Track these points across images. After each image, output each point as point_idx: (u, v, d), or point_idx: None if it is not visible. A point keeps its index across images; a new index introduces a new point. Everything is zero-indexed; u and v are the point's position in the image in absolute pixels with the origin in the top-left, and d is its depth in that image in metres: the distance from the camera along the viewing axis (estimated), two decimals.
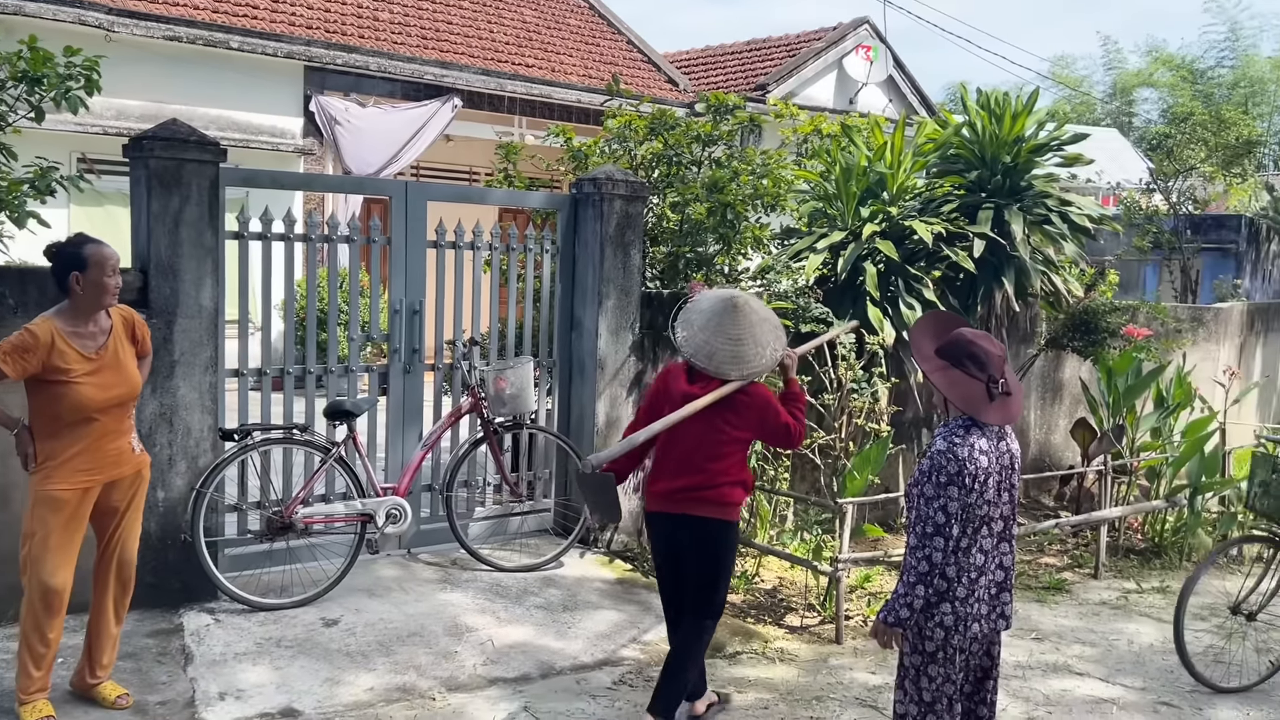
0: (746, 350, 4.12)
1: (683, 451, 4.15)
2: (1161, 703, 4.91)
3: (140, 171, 5.11)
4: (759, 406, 4.16)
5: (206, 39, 11.13)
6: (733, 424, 4.13)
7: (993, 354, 3.32)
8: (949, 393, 3.32)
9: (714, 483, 4.11)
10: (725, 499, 4.13)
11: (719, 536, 4.15)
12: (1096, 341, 7.98)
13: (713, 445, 4.12)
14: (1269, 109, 32.59)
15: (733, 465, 4.15)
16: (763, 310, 4.26)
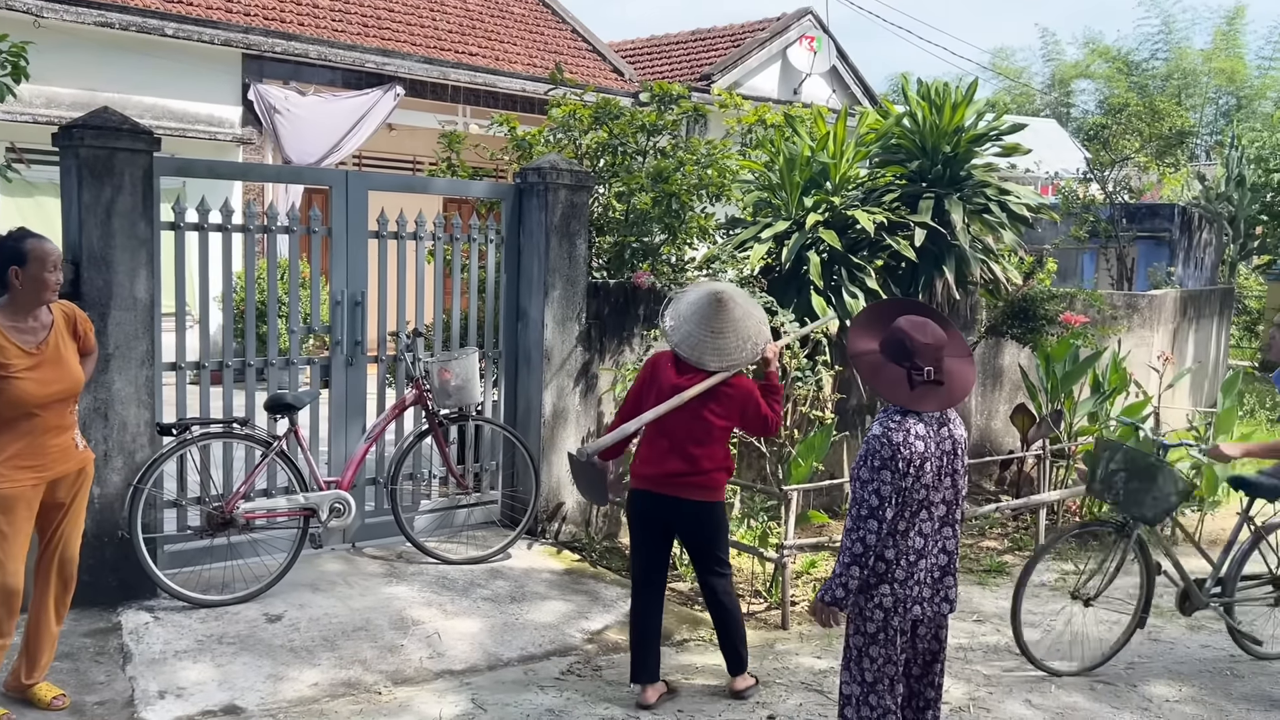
0: (728, 343, 4.37)
1: (670, 438, 4.40)
2: (1098, 680, 5.03)
3: (70, 161, 4.99)
4: (741, 397, 4.41)
5: (140, 25, 10.87)
6: (717, 413, 4.38)
7: (920, 342, 3.35)
8: (869, 380, 3.40)
9: (700, 469, 4.38)
10: (711, 484, 4.44)
11: (709, 516, 4.49)
12: (1035, 329, 8.13)
13: (699, 433, 4.37)
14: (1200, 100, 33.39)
15: (717, 452, 4.42)
16: (748, 305, 4.51)
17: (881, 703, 3.37)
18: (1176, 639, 5.64)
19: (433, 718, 4.23)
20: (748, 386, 4.45)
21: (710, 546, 4.54)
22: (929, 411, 3.36)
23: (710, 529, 4.52)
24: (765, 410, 4.45)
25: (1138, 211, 15.24)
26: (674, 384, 4.39)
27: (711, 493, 4.46)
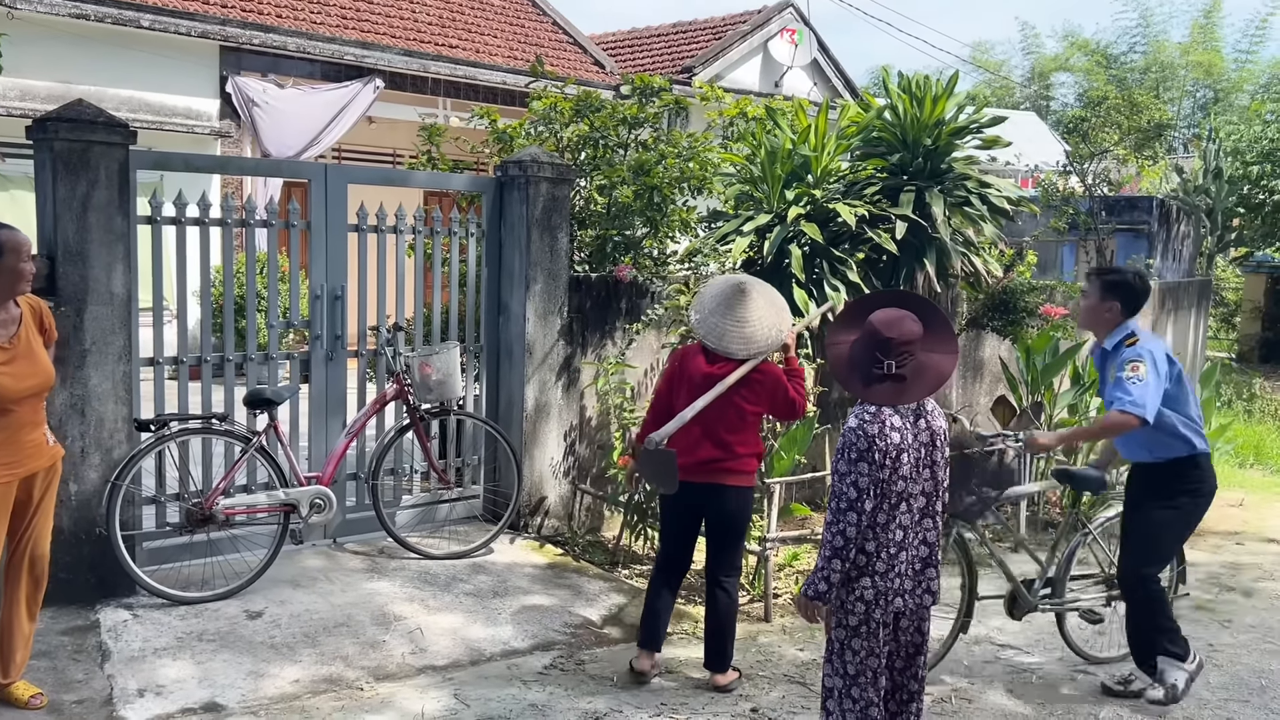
0: (752, 331, 4.52)
1: (703, 426, 4.51)
2: (1079, 670, 5.06)
3: (45, 154, 4.92)
4: (771, 384, 4.56)
5: (116, 17, 10.75)
6: (748, 400, 4.52)
7: (883, 336, 3.34)
8: (834, 369, 3.46)
9: (734, 454, 4.52)
10: (745, 468, 4.57)
11: (742, 501, 4.62)
12: (1015, 321, 8.16)
13: (732, 420, 4.51)
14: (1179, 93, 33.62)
15: (749, 438, 4.57)
16: (769, 294, 4.65)
17: (864, 695, 3.38)
18: None
19: (415, 714, 4.22)
20: (776, 373, 4.59)
21: (736, 535, 4.66)
22: (885, 405, 3.34)
23: (742, 515, 4.66)
24: (793, 394, 4.59)
25: (1117, 204, 15.32)
26: (706, 373, 4.54)
27: (745, 478, 4.59)
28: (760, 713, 4.43)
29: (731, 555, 4.69)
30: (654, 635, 4.69)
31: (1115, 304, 4.60)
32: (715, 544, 4.68)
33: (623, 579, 5.99)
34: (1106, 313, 4.62)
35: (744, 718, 4.38)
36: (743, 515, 4.68)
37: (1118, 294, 4.60)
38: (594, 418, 6.81)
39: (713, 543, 4.68)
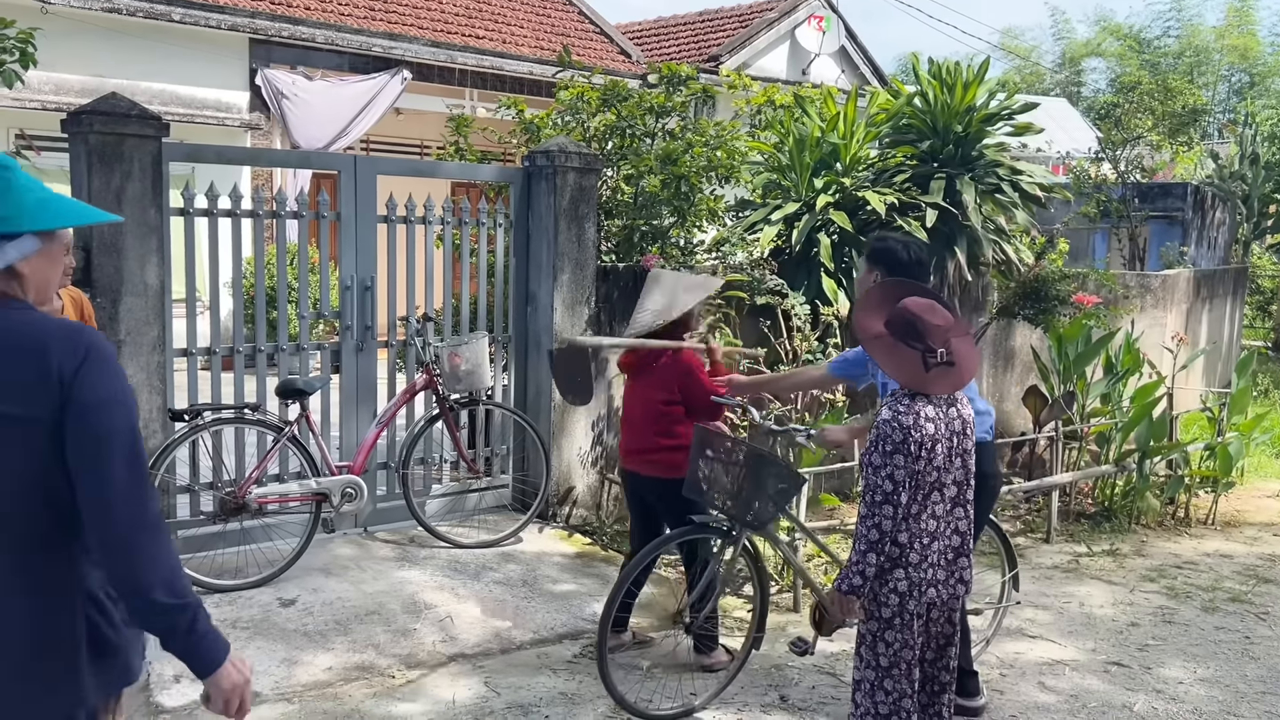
0: (640, 315, 4.56)
1: (630, 415, 4.67)
2: (1112, 663, 5.02)
3: (80, 148, 4.98)
4: (679, 372, 4.47)
5: (147, 11, 10.85)
6: (656, 390, 4.51)
7: (933, 324, 3.32)
8: (884, 364, 3.37)
9: (655, 446, 4.50)
10: (666, 462, 4.48)
11: (663, 493, 4.51)
12: (1047, 309, 8.08)
13: (647, 412, 4.55)
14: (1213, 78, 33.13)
15: (672, 428, 4.48)
16: (670, 283, 4.57)
17: (897, 687, 3.36)
18: (1191, 621, 5.62)
19: (446, 701, 4.25)
20: (687, 362, 4.46)
21: (675, 523, 4.55)
22: (941, 394, 3.33)
23: (672, 506, 4.50)
24: (709, 386, 4.45)
25: (1150, 191, 15.12)
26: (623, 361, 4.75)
27: (668, 470, 4.46)
28: (790, 702, 4.42)
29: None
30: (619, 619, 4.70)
31: (878, 274, 4.05)
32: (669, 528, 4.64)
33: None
34: (872, 284, 4.03)
35: (773, 707, 4.38)
36: (669, 507, 4.52)
37: (881, 263, 4.07)
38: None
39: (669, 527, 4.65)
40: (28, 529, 1.88)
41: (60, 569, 1.90)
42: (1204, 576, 6.42)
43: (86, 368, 1.85)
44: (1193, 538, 7.38)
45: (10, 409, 1.83)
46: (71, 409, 1.84)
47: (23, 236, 1.91)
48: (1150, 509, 7.58)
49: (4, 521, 1.87)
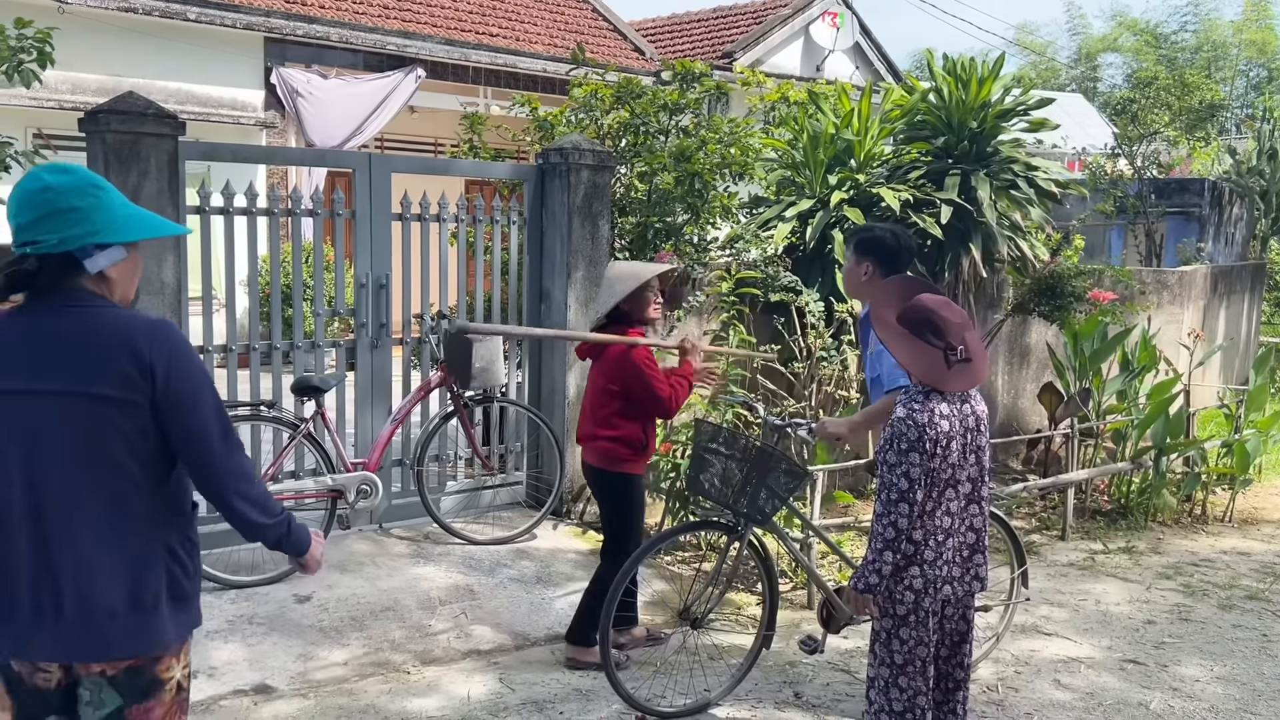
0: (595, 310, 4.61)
1: (585, 402, 4.66)
2: (1128, 660, 5.00)
3: (97, 146, 5.01)
4: (619, 360, 4.43)
5: (163, 10, 10.91)
6: (601, 378, 4.52)
7: (951, 322, 3.32)
8: (907, 362, 3.35)
9: (596, 434, 4.51)
10: (606, 452, 4.47)
11: (602, 485, 4.55)
12: (1062, 306, 8.05)
13: (592, 399, 4.56)
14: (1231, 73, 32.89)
15: (611, 418, 4.46)
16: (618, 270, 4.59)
17: (912, 684, 3.36)
18: (1208, 619, 5.59)
19: (461, 697, 4.26)
20: (633, 356, 4.38)
21: (608, 515, 4.58)
22: (958, 390, 3.33)
23: (603, 497, 4.57)
24: (653, 382, 4.35)
25: (1167, 187, 15.02)
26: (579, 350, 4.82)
27: (607, 461, 4.47)
28: (804, 699, 4.42)
29: (609, 536, 4.59)
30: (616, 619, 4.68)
31: (869, 264, 4.05)
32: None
33: (664, 565, 6.00)
34: (863, 276, 4.08)
35: (787, 704, 4.38)
36: (606, 497, 4.55)
37: (871, 253, 4.06)
38: None
39: None
40: (122, 495, 2.21)
41: (147, 528, 2.25)
42: (1221, 574, 6.38)
43: (174, 361, 2.21)
44: (1210, 535, 7.34)
45: (106, 391, 2.16)
46: (168, 398, 2.20)
47: (112, 247, 2.23)
48: (1167, 506, 7.55)
49: (102, 488, 2.19)
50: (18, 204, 2.20)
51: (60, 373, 2.16)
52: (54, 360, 2.16)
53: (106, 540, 2.20)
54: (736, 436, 4.24)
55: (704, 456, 4.20)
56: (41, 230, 2.17)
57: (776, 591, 4.40)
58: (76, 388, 2.15)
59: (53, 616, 2.18)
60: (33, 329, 2.18)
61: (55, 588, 2.17)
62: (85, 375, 2.16)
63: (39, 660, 2.23)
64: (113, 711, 2.25)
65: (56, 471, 2.17)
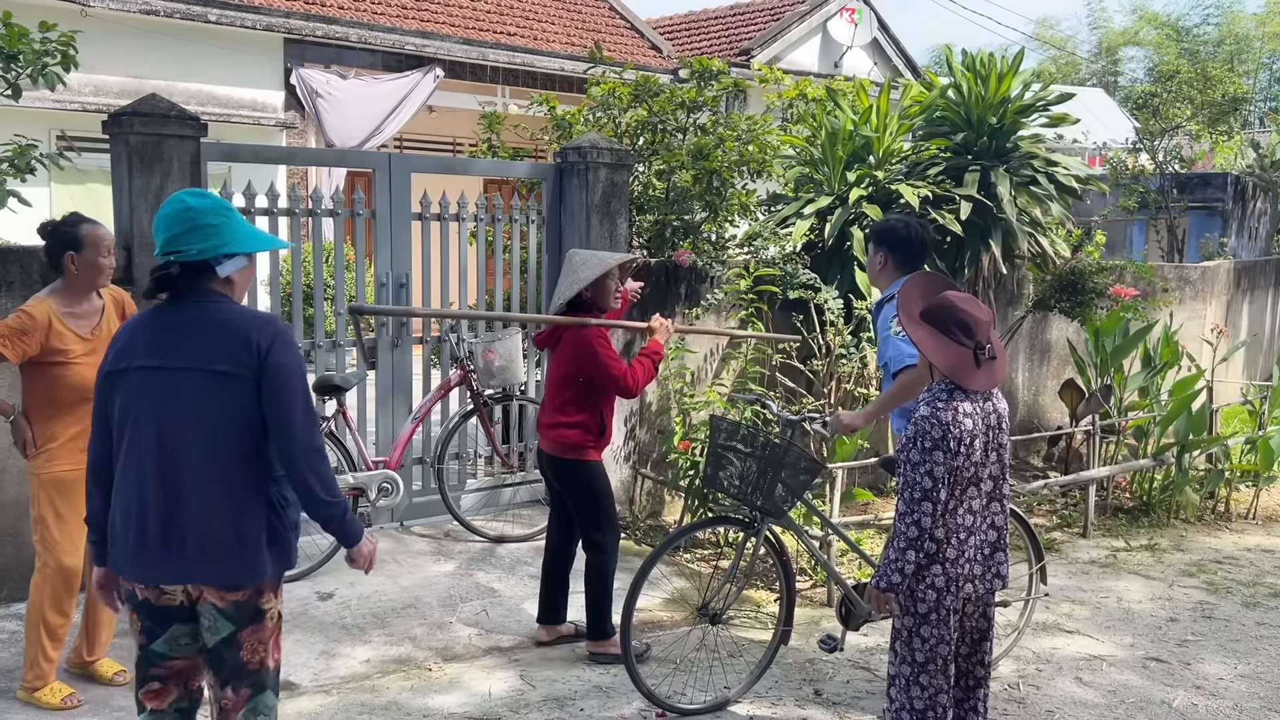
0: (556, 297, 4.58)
1: (545, 392, 4.68)
2: (1150, 658, 4.97)
3: (120, 148, 5.06)
4: (575, 343, 4.44)
5: (184, 13, 10.99)
6: (558, 364, 4.53)
7: (979, 319, 3.32)
8: (936, 359, 3.32)
9: (553, 422, 4.50)
10: (560, 439, 4.48)
11: (559, 472, 4.55)
12: (1084, 302, 8.00)
13: (551, 384, 4.58)
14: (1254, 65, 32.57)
15: (567, 405, 4.47)
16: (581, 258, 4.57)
17: (933, 683, 3.35)
18: (1231, 616, 5.56)
19: (483, 694, 4.29)
20: (588, 335, 4.40)
21: (576, 505, 4.59)
22: (983, 389, 3.32)
23: (566, 487, 4.57)
24: (606, 359, 4.36)
25: (1189, 181, 14.89)
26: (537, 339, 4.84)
27: (559, 448, 4.48)
28: (824, 696, 4.42)
29: (583, 526, 4.60)
30: (545, 609, 4.80)
31: (882, 254, 4.20)
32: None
33: (684, 563, 6.01)
34: (878, 265, 4.24)
35: (808, 701, 4.38)
36: (567, 486, 4.56)
37: (884, 243, 4.20)
38: (654, 403, 6.83)
39: None
40: (233, 454, 2.71)
41: (253, 482, 2.74)
42: (1244, 571, 6.34)
43: (276, 345, 2.72)
44: (1233, 532, 7.29)
45: (226, 369, 2.69)
46: (267, 373, 2.70)
47: (237, 256, 2.80)
48: (1189, 503, 7.49)
49: (217, 448, 2.70)
50: (166, 222, 2.72)
51: (190, 353, 2.71)
52: (186, 344, 2.72)
53: (219, 490, 2.70)
54: (753, 432, 4.24)
55: (721, 453, 4.21)
56: (185, 243, 2.71)
57: (794, 587, 4.40)
58: (201, 365, 2.69)
59: (178, 549, 2.69)
60: (172, 320, 2.75)
61: (180, 526, 2.69)
62: (209, 355, 2.69)
63: (164, 584, 2.74)
64: (228, 635, 2.77)
65: (183, 433, 2.69)
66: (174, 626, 2.79)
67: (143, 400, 2.73)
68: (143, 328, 2.79)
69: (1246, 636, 5.29)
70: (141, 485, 2.71)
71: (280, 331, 2.76)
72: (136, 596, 2.79)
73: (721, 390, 6.84)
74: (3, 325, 3.79)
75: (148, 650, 2.82)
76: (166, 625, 2.79)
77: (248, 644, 2.79)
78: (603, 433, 4.53)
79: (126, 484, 2.74)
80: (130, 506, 2.72)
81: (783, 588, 4.38)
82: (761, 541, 4.22)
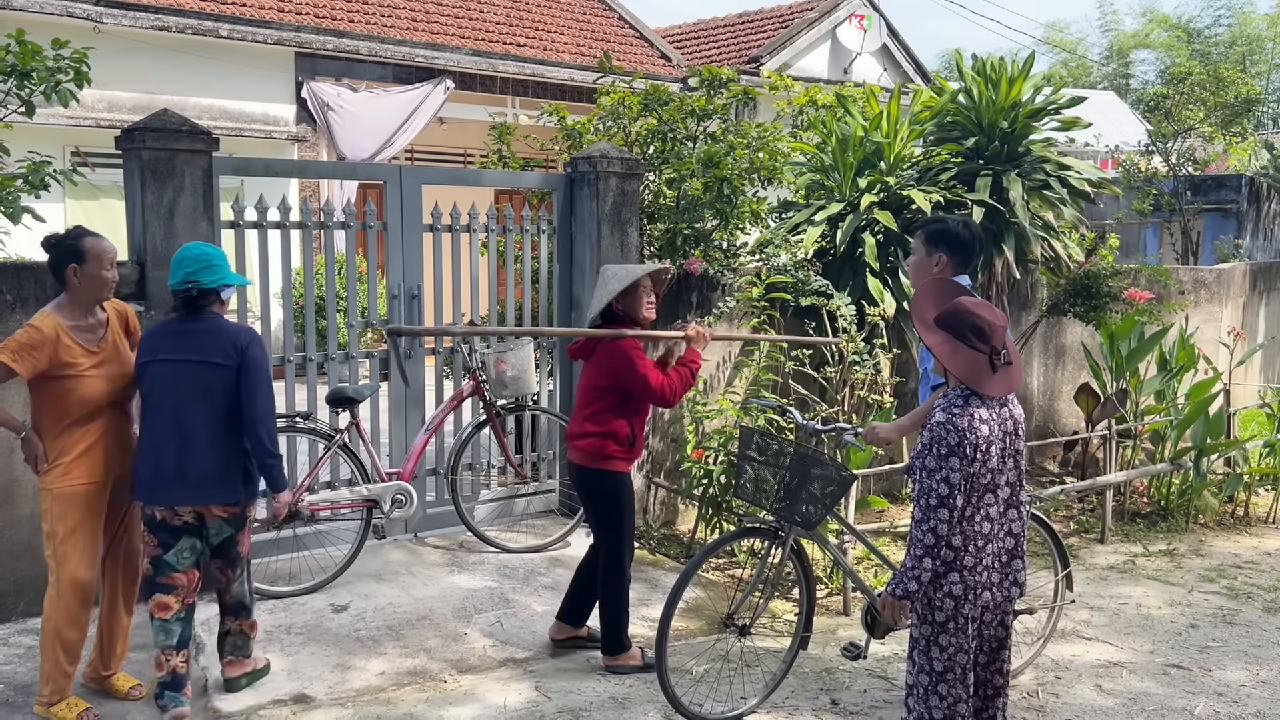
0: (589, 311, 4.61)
1: (576, 403, 4.67)
2: (1170, 665, 4.92)
3: (133, 163, 5.08)
4: (609, 353, 4.44)
5: (195, 28, 11.06)
6: (592, 375, 4.53)
7: (995, 325, 3.30)
8: (951, 365, 3.30)
9: (583, 431, 4.51)
10: (589, 448, 4.48)
11: (587, 482, 4.55)
12: (1098, 306, 7.95)
13: (583, 397, 4.57)
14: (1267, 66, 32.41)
15: (599, 415, 4.47)
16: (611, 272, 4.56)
17: (952, 692, 3.32)
18: (1253, 622, 5.50)
19: (498, 706, 4.27)
20: (621, 344, 4.41)
21: (593, 515, 4.59)
22: (999, 395, 3.29)
23: (590, 497, 4.57)
24: (643, 369, 4.35)
25: (1203, 183, 14.82)
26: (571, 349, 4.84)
27: (588, 458, 4.48)
28: (841, 706, 4.39)
29: (598, 536, 4.62)
30: (565, 609, 4.84)
31: (941, 256, 4.05)
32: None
33: (698, 572, 5.99)
34: (934, 267, 4.05)
35: (825, 711, 4.35)
36: (591, 496, 4.56)
37: (943, 244, 4.05)
38: (666, 412, 6.82)
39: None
40: (222, 416, 3.98)
41: (234, 436, 4.02)
42: (1265, 576, 6.28)
43: (251, 346, 4.02)
44: (1253, 536, 7.22)
45: (219, 360, 3.96)
46: (245, 364, 3.98)
47: (230, 286, 4.11)
48: (1208, 508, 7.43)
49: (210, 413, 3.96)
50: (192, 259, 3.97)
51: (197, 350, 3.95)
52: (194, 344, 3.96)
53: (213, 440, 3.96)
54: (782, 443, 4.22)
55: (749, 464, 4.21)
56: (204, 275, 3.97)
57: (814, 595, 4.38)
58: (204, 358, 3.94)
59: (185, 480, 3.93)
60: (185, 328, 4.00)
61: (185, 463, 3.92)
62: (209, 351, 3.95)
63: (177, 505, 3.95)
64: (227, 536, 4.10)
65: (189, 402, 3.94)
66: (183, 540, 3.99)
67: (164, 382, 3.95)
68: (165, 332, 4.03)
69: (1268, 642, 5.23)
70: (163, 438, 3.93)
71: (255, 338, 4.05)
72: (155, 518, 3.96)
73: (735, 398, 6.82)
74: (12, 340, 3.80)
75: (159, 561, 3.97)
76: (177, 538, 3.98)
77: (241, 541, 4.15)
78: (633, 444, 4.53)
79: (151, 438, 3.96)
80: (151, 453, 3.94)
81: (803, 595, 4.36)
82: (788, 552, 4.21)
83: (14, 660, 4.49)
